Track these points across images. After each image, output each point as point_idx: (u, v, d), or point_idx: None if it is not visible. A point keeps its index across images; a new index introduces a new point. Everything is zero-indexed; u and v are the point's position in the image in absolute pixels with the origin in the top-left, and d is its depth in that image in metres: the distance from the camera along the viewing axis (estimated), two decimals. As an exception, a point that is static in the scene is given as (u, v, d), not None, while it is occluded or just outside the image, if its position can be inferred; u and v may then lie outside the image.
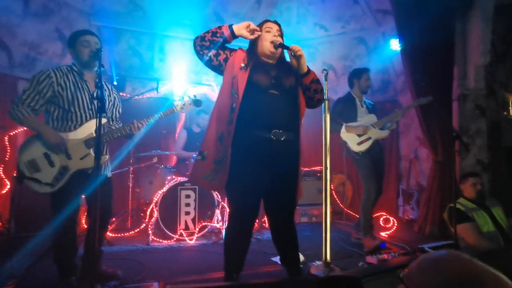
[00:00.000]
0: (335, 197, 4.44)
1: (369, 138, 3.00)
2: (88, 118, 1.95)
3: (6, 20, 3.46)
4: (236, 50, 1.86)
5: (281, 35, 1.88)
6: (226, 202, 3.39)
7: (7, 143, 3.54)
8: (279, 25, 1.89)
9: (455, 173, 2.97)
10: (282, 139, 1.72)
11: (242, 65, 1.75)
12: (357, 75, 3.19)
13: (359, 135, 3.01)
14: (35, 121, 1.87)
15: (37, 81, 1.87)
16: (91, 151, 1.92)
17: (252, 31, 1.76)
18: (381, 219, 4.05)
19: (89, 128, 1.94)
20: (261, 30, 1.83)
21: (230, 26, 1.77)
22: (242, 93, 1.68)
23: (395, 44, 4.33)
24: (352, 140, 3.02)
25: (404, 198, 4.50)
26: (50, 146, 1.84)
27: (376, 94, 4.99)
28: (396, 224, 3.79)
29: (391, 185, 4.81)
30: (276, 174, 1.75)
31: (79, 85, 1.96)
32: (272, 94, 1.74)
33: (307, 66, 1.82)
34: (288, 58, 1.86)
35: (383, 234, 3.59)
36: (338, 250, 2.88)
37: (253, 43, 1.85)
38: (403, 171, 4.84)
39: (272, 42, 1.79)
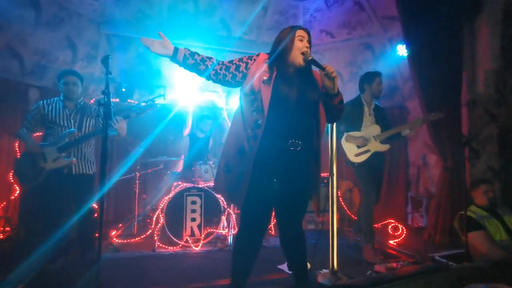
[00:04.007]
0: (342, 204, 4.39)
1: (367, 151, 2.93)
2: (64, 132, 2.52)
3: (18, 29, 3.56)
4: (258, 55, 1.79)
5: (310, 45, 1.79)
6: (231, 208, 3.38)
7: (17, 149, 3.60)
8: (309, 34, 1.80)
9: (466, 180, 2.92)
10: (298, 149, 1.70)
11: (265, 78, 1.68)
12: (368, 79, 3.03)
13: (358, 146, 2.96)
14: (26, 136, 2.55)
15: (31, 111, 2.61)
16: (62, 154, 2.49)
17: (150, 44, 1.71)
18: (390, 226, 3.98)
19: (63, 137, 2.51)
20: (293, 38, 1.73)
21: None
22: (267, 108, 1.64)
23: (402, 50, 4.31)
24: (350, 151, 2.98)
25: (413, 205, 4.42)
26: (29, 152, 2.46)
27: (383, 99, 4.92)
28: (405, 232, 3.72)
29: (400, 192, 4.73)
30: (290, 183, 1.73)
31: (60, 110, 2.58)
32: (295, 106, 1.71)
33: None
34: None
35: (391, 242, 3.52)
36: (345, 258, 2.83)
37: (284, 51, 1.73)
38: (412, 178, 4.77)
39: (303, 54, 1.72)
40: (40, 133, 2.75)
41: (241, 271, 1.80)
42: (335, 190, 2.43)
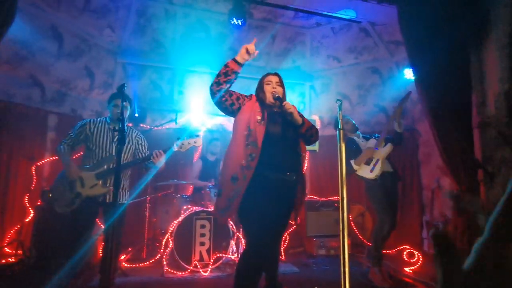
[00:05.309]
0: (354, 228, 4.28)
1: (377, 160, 3.06)
2: (104, 157, 2.46)
3: (42, 59, 3.79)
4: (251, 96, 2.08)
5: (282, 85, 2.12)
6: (241, 233, 3.34)
7: (34, 173, 3.71)
8: (278, 76, 2.14)
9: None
10: (294, 178, 1.96)
11: (259, 118, 1.95)
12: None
13: (368, 163, 3.07)
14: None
15: (76, 128, 2.55)
16: (100, 182, 2.41)
17: (252, 51, 1.99)
18: (405, 253, 3.84)
19: (103, 164, 2.45)
20: (263, 83, 2.09)
21: (234, 59, 1.99)
22: (261, 144, 1.87)
23: (409, 73, 4.36)
24: (365, 171, 3.08)
25: (429, 230, 4.27)
26: (69, 175, 2.38)
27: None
28: (421, 259, 3.57)
29: (414, 216, 4.59)
30: (284, 208, 1.97)
31: (105, 132, 2.53)
32: (282, 141, 1.96)
33: (301, 116, 2.03)
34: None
35: (407, 269, 3.38)
36: (358, 286, 2.72)
37: (261, 96, 2.07)
38: (426, 202, 4.64)
39: (271, 93, 2.02)
40: (78, 153, 2.69)
41: None
42: (345, 214, 2.38)
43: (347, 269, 2.24)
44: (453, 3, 3.48)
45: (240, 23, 3.91)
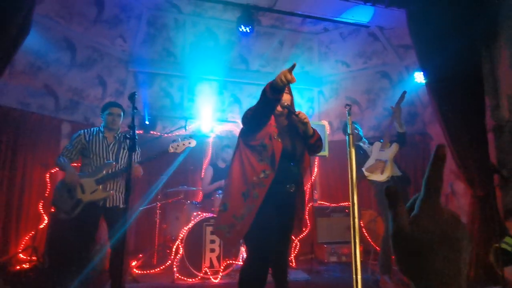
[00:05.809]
0: (366, 235, 4.21)
1: (386, 161, 3.05)
2: (101, 163, 2.55)
3: (55, 70, 3.90)
4: None
5: (289, 92, 2.03)
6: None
7: (48, 179, 3.79)
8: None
9: (498, 210, 2.75)
10: (292, 190, 1.92)
11: (275, 133, 1.89)
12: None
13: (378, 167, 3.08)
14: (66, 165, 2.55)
15: (72, 140, 2.65)
16: (100, 187, 2.48)
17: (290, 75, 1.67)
18: (419, 260, 3.74)
19: (101, 169, 2.52)
20: None
21: (277, 94, 1.71)
22: (278, 161, 1.81)
23: (419, 77, 4.31)
24: (377, 175, 3.09)
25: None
26: (68, 182, 2.44)
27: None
28: (435, 266, 3.48)
29: (427, 222, 4.49)
30: (286, 219, 1.95)
31: (100, 140, 2.62)
32: (292, 156, 1.93)
33: (312, 128, 2.00)
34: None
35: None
36: (371, 294, 2.67)
37: None
38: (439, 207, 4.53)
39: (280, 104, 1.93)
40: (77, 164, 2.76)
41: None
42: (356, 220, 2.35)
43: (359, 276, 2.20)
44: (463, 5, 3.44)
45: (248, 30, 3.95)
